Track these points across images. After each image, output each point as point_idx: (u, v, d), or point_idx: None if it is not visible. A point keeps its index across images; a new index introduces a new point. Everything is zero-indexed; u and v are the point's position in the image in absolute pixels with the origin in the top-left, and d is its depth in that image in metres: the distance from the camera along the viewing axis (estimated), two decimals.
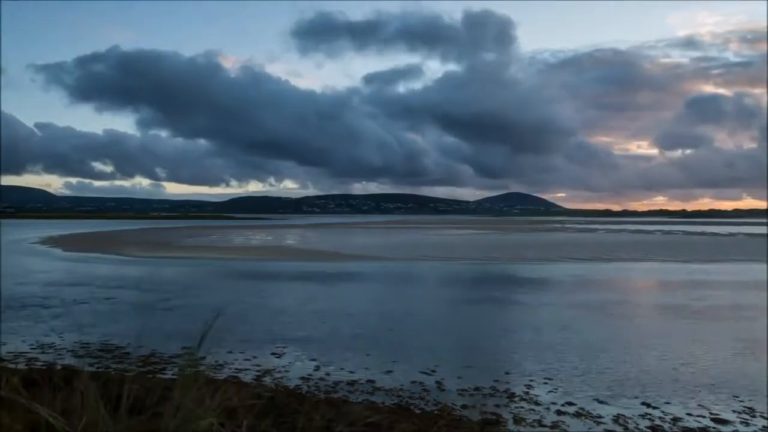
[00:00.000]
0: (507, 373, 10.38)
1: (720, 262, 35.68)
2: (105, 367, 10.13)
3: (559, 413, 8.33)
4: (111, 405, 3.27)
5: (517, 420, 8.03)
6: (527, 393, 9.25)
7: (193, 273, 29.07)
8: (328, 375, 10.20)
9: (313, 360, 11.20)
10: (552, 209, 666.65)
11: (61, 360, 10.65)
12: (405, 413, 7.92)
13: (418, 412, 8.16)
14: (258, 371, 10.37)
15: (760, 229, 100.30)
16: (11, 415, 3.25)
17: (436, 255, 39.44)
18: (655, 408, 8.56)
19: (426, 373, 10.31)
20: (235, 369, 10.47)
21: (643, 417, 8.20)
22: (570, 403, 8.74)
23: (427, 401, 8.79)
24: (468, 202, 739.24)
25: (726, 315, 17.00)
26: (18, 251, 41.93)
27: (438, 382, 9.84)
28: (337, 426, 3.57)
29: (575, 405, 8.66)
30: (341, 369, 10.59)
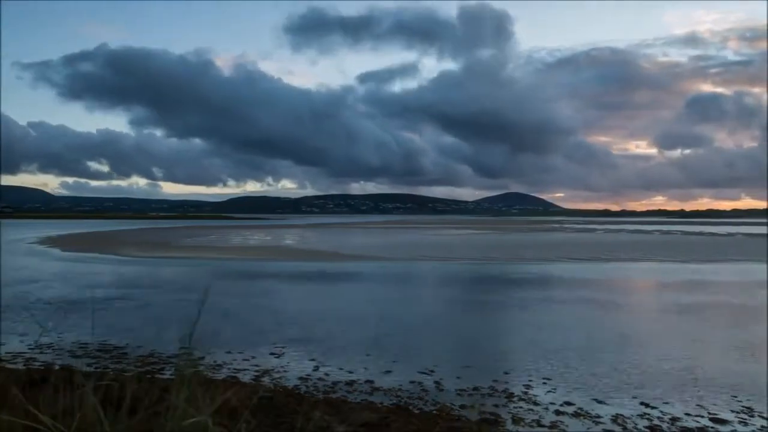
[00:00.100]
0: (506, 373, 10.39)
1: (718, 262, 35.71)
2: (103, 367, 10.13)
3: (558, 413, 8.33)
4: (109, 405, 3.27)
5: (516, 420, 8.03)
6: (526, 393, 9.25)
7: (192, 273, 29.04)
8: (326, 375, 10.19)
9: (312, 360, 11.19)
10: (550, 209, 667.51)
11: (60, 360, 10.64)
12: (404, 413, 7.92)
13: (416, 412, 8.16)
14: (257, 371, 10.36)
15: (758, 229, 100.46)
16: (10, 416, 3.24)
17: (434, 255, 39.44)
18: (654, 408, 8.56)
19: (425, 373, 10.30)
20: (234, 369, 10.45)
21: (642, 417, 8.21)
22: (568, 403, 8.74)
23: (426, 401, 8.79)
24: (466, 202, 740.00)
25: (724, 315, 17.02)
26: (16, 251, 41.87)
27: (437, 382, 9.84)
28: (336, 426, 3.57)
29: (574, 405, 8.67)
30: (340, 369, 10.58)
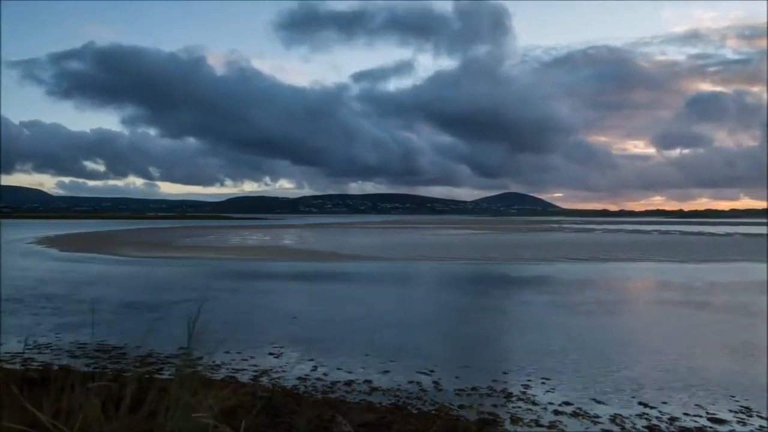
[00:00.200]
0: (504, 373, 10.39)
1: (717, 262, 35.76)
2: (102, 368, 10.12)
3: (557, 413, 8.34)
4: (108, 405, 3.26)
5: (515, 420, 8.04)
6: (524, 393, 9.25)
7: (191, 273, 29.01)
8: (325, 375, 10.19)
9: (311, 360, 11.19)
10: (549, 209, 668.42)
11: (58, 360, 10.63)
12: (402, 413, 7.92)
13: (415, 412, 8.16)
14: (255, 371, 10.36)
15: (756, 229, 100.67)
16: (9, 416, 3.24)
17: (433, 255, 39.45)
18: (652, 408, 8.57)
19: (423, 373, 10.31)
20: (233, 369, 10.45)
21: (640, 417, 8.22)
22: (567, 403, 8.75)
23: (425, 401, 8.79)
24: (465, 202, 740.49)
25: (723, 315, 17.03)
26: (15, 251, 41.81)
27: (435, 382, 9.84)
28: (334, 426, 3.57)
29: (572, 405, 8.67)
30: (338, 369, 10.58)
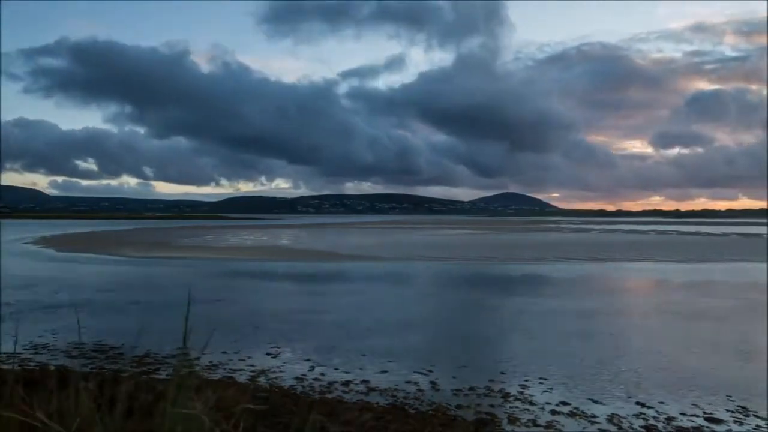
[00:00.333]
0: (502, 373, 10.40)
1: (714, 261, 35.83)
2: (99, 368, 10.11)
3: (554, 413, 8.34)
4: (105, 406, 3.26)
5: (512, 420, 8.04)
6: (522, 393, 9.26)
7: (189, 273, 28.98)
8: (322, 375, 10.19)
9: (308, 360, 11.18)
10: (546, 209, 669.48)
11: (55, 361, 10.61)
12: (400, 413, 7.93)
13: (412, 412, 8.16)
14: (252, 371, 10.35)
15: (752, 229, 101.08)
16: (6, 416, 3.23)
17: (431, 255, 39.46)
18: (650, 408, 8.58)
19: (421, 373, 10.31)
20: (230, 369, 10.44)
21: (638, 416, 8.23)
22: (564, 403, 8.76)
23: (422, 401, 8.79)
24: (462, 202, 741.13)
25: (720, 315, 17.06)
26: (11, 252, 41.73)
27: (433, 382, 9.84)
28: (332, 426, 3.57)
29: (569, 405, 8.68)
30: (336, 369, 10.58)
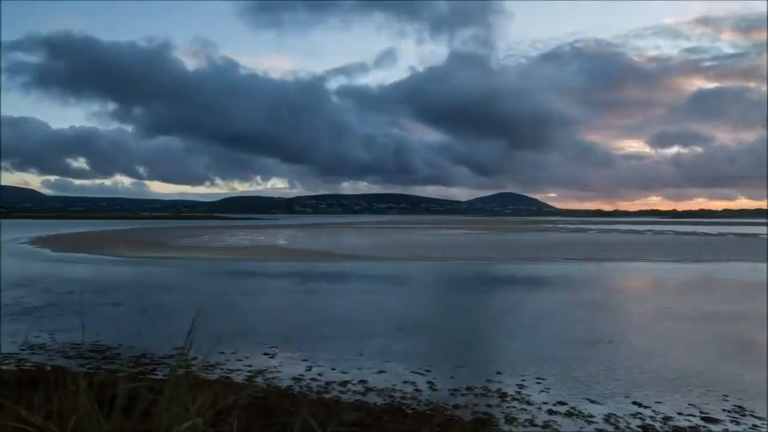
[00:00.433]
0: (499, 373, 10.41)
1: (710, 262, 35.90)
2: (96, 368, 10.09)
3: (551, 413, 8.35)
4: (102, 406, 3.26)
5: (509, 420, 8.05)
6: (519, 393, 9.27)
7: (186, 273, 28.96)
8: (320, 375, 10.19)
9: (305, 360, 11.18)
10: (544, 209, 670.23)
11: (52, 361, 10.59)
12: (397, 413, 7.93)
13: (410, 412, 8.16)
14: (250, 371, 10.35)
15: (749, 229, 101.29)
16: (2, 417, 3.23)
17: (428, 255, 39.47)
18: (646, 407, 8.60)
19: (418, 373, 10.32)
20: (227, 369, 10.44)
21: (634, 416, 8.24)
22: (561, 403, 8.77)
23: (420, 401, 8.80)
24: (460, 202, 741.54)
25: (717, 314, 17.10)
26: (8, 252, 41.63)
27: (430, 382, 9.85)
28: (329, 426, 3.57)
29: (567, 404, 8.69)
30: (333, 369, 10.58)
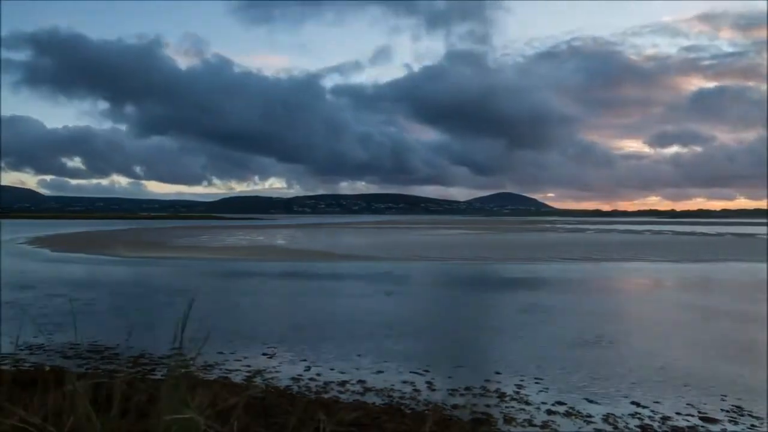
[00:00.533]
0: (498, 373, 10.41)
1: (708, 261, 35.94)
2: (94, 368, 10.08)
3: (550, 413, 8.36)
4: (100, 406, 3.26)
5: (508, 420, 8.05)
6: (518, 393, 9.27)
7: (185, 273, 28.93)
8: (318, 375, 10.18)
9: (304, 360, 11.18)
10: (542, 209, 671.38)
11: (50, 361, 10.57)
12: (396, 413, 7.92)
13: (408, 411, 8.16)
14: (248, 371, 10.34)
15: (746, 229, 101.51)
16: (1, 417, 3.22)
17: (427, 255, 39.47)
18: (645, 407, 8.61)
19: (417, 373, 10.32)
20: (226, 369, 10.43)
21: (633, 416, 8.25)
22: (560, 403, 8.77)
23: (418, 401, 8.80)
24: (459, 202, 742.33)
25: (715, 314, 17.12)
26: (6, 252, 41.57)
27: (429, 382, 9.85)
28: (328, 426, 3.57)
29: (565, 404, 8.69)
30: (331, 369, 10.58)
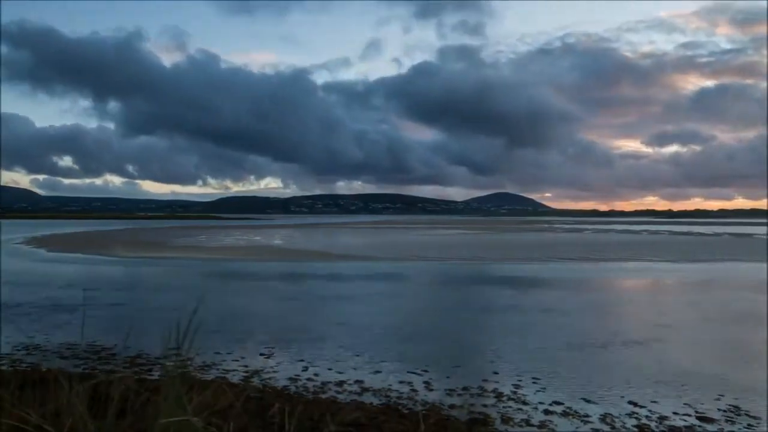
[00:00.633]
0: (495, 373, 10.42)
1: (705, 261, 36.01)
2: (92, 369, 10.07)
3: (547, 413, 8.37)
4: (98, 406, 3.25)
5: (505, 419, 8.06)
6: (515, 392, 9.28)
7: (182, 273, 28.90)
8: (316, 375, 10.18)
9: (301, 360, 11.17)
10: (540, 209, 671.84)
11: (48, 362, 10.56)
12: (393, 413, 7.93)
13: (406, 412, 8.16)
14: (246, 372, 10.33)
15: (743, 229, 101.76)
16: None
17: (425, 255, 39.48)
18: (642, 407, 8.62)
19: (415, 373, 10.32)
20: (223, 370, 10.42)
21: (630, 416, 8.26)
22: (557, 403, 8.78)
23: (416, 401, 8.80)
24: (456, 202, 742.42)
25: (712, 314, 17.16)
26: (4, 252, 41.48)
27: (426, 382, 9.85)
28: (325, 426, 3.57)
29: (563, 404, 8.70)
30: (329, 369, 10.57)
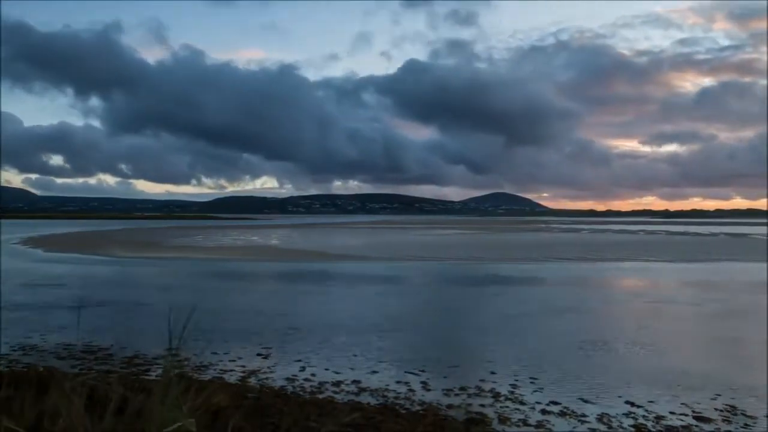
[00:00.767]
0: (492, 373, 10.42)
1: (702, 261, 36.08)
2: (88, 369, 10.06)
3: (544, 412, 8.37)
4: (94, 407, 3.25)
5: (503, 419, 8.06)
6: (512, 392, 9.28)
7: (180, 273, 28.87)
8: (313, 375, 10.17)
9: (299, 361, 11.16)
10: (537, 209, 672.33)
11: (44, 362, 10.53)
12: (390, 413, 7.93)
13: (403, 412, 8.16)
14: (243, 372, 10.32)
15: (740, 229, 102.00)
16: None
17: (422, 255, 39.49)
18: (639, 407, 8.63)
19: (412, 373, 10.32)
20: (220, 370, 10.41)
21: (627, 416, 8.27)
22: (555, 402, 8.78)
23: (413, 401, 8.80)
24: (453, 202, 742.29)
25: (709, 313, 17.19)
26: (1, 252, 41.41)
27: (423, 382, 9.85)
28: (323, 426, 3.57)
29: (560, 404, 8.71)
30: (326, 370, 10.57)
